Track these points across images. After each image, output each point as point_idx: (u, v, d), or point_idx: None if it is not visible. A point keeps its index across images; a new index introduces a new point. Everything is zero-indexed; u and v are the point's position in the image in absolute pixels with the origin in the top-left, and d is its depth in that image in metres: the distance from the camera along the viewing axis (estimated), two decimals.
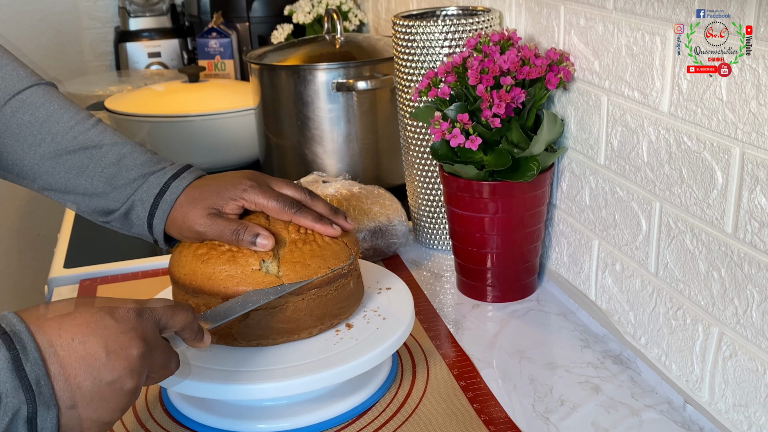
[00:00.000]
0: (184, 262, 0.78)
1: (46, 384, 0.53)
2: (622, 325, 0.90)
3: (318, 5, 1.93)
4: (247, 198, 0.79)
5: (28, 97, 0.82)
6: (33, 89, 0.82)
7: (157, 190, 0.81)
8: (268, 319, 0.75)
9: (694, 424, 0.76)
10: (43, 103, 0.82)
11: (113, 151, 0.82)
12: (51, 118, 0.82)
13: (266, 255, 0.76)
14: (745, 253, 0.69)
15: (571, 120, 0.96)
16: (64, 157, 0.81)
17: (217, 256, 0.76)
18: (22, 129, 0.81)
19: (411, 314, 0.82)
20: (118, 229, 0.85)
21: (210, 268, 0.76)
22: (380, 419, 0.77)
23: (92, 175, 0.81)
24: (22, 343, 0.53)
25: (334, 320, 0.79)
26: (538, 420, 0.77)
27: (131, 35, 2.37)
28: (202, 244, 0.79)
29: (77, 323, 0.56)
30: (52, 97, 0.83)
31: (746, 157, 0.67)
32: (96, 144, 0.82)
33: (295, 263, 0.76)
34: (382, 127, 1.37)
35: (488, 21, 1.06)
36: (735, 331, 0.71)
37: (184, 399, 0.79)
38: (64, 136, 0.81)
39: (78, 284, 1.09)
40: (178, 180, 0.82)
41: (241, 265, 0.75)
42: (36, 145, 0.81)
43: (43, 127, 0.81)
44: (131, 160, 0.82)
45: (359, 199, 1.10)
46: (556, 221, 1.03)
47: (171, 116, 1.51)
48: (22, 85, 0.82)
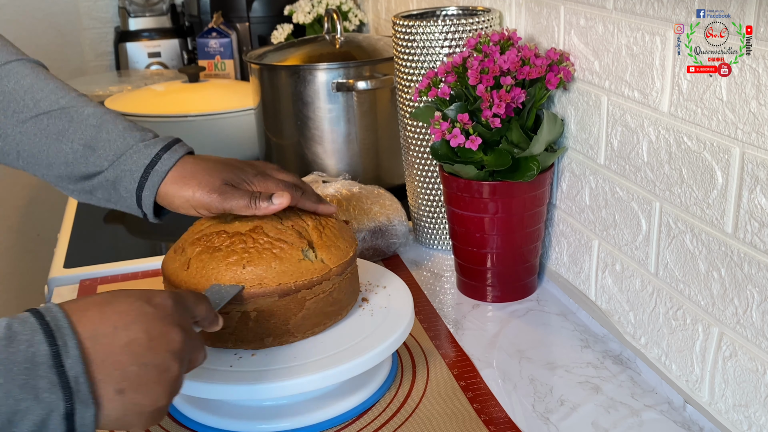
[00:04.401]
0: (215, 274, 0.75)
1: (84, 382, 0.53)
2: (622, 325, 0.90)
3: (318, 5, 1.93)
4: (257, 183, 0.80)
5: (14, 67, 0.82)
6: (21, 62, 0.83)
7: (147, 160, 0.80)
8: (320, 306, 0.77)
9: (694, 424, 0.76)
10: (29, 74, 0.82)
11: (94, 114, 0.81)
12: (35, 86, 0.81)
13: (303, 244, 0.77)
14: (745, 253, 0.69)
15: (571, 120, 0.96)
16: (43, 118, 0.80)
17: (258, 257, 0.75)
18: (6, 96, 0.81)
19: (411, 314, 0.82)
20: (104, 202, 0.83)
21: (258, 270, 0.74)
22: (380, 419, 0.77)
23: (72, 138, 0.80)
24: (64, 339, 0.53)
25: (356, 296, 0.84)
26: (538, 420, 0.77)
27: (131, 35, 2.37)
28: (228, 252, 0.76)
29: (118, 311, 0.56)
30: (39, 70, 0.83)
31: (746, 157, 0.67)
32: (75, 106, 0.81)
33: (329, 246, 0.79)
34: (382, 127, 1.37)
35: (488, 21, 1.06)
36: (735, 331, 0.71)
37: (184, 399, 0.79)
38: (45, 100, 0.81)
39: (78, 284, 1.09)
40: (170, 152, 0.81)
41: (287, 259, 0.75)
42: (18, 111, 0.80)
43: (27, 94, 0.81)
44: (113, 125, 0.81)
45: (359, 199, 1.10)
46: (556, 221, 1.03)
47: (171, 116, 1.51)
48: (10, 57, 0.83)
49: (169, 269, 0.79)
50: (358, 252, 0.83)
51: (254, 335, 0.75)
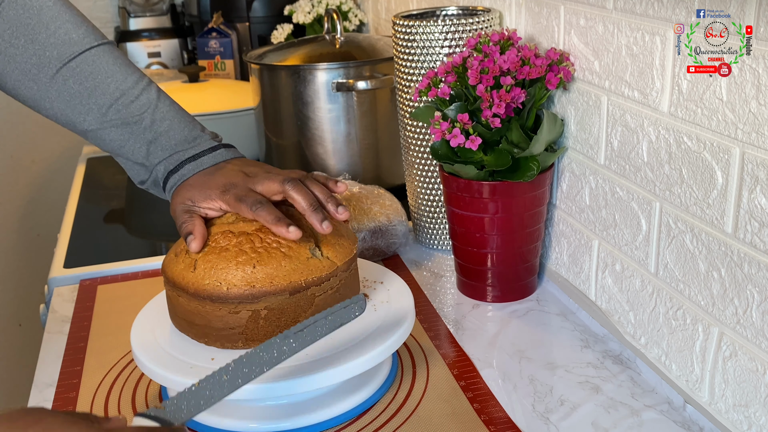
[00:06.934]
0: (228, 274, 0.75)
1: None
2: (622, 325, 0.90)
3: (318, 5, 1.93)
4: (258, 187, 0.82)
5: (78, 65, 0.85)
6: (83, 56, 0.85)
7: (172, 166, 0.86)
8: (328, 302, 0.78)
9: (694, 424, 0.76)
10: (92, 72, 0.85)
11: (151, 129, 0.86)
12: (97, 89, 0.85)
13: (309, 243, 0.77)
14: (745, 253, 0.69)
15: (571, 120, 0.96)
16: (109, 130, 0.86)
17: (268, 256, 0.75)
18: (73, 98, 0.85)
19: (411, 314, 0.82)
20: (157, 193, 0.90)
21: (268, 269, 0.75)
22: (380, 419, 0.77)
23: (132, 148, 0.87)
24: None
25: (358, 291, 0.84)
26: (538, 420, 0.77)
27: (131, 35, 2.37)
28: (236, 252, 0.76)
29: None
30: (101, 63, 0.86)
31: (746, 157, 0.67)
32: (135, 120, 0.86)
33: (333, 244, 0.79)
34: (382, 127, 1.37)
35: (488, 21, 1.06)
36: (735, 331, 0.71)
37: None
38: (108, 109, 0.86)
39: (78, 284, 1.09)
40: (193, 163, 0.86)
41: (295, 257, 0.76)
42: (84, 113, 0.86)
43: (90, 98, 0.85)
44: (166, 140, 0.86)
45: (359, 199, 1.10)
46: (556, 221, 1.03)
47: None
48: (73, 51, 0.85)
49: (173, 272, 0.78)
50: (359, 250, 0.83)
51: (264, 333, 0.76)
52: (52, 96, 0.85)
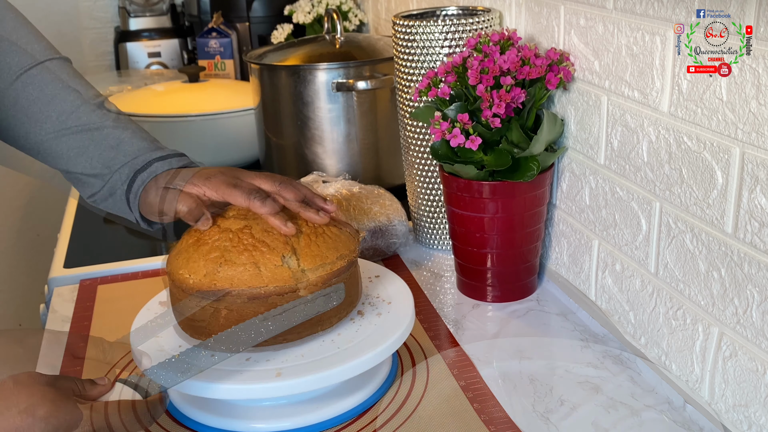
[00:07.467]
0: (196, 267, 0.76)
1: None
2: (622, 325, 0.90)
3: (318, 5, 1.93)
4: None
5: (38, 73, 0.84)
6: (44, 65, 0.85)
7: (138, 166, 0.83)
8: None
9: (694, 424, 0.76)
10: (52, 80, 0.85)
11: (113, 135, 0.84)
12: (58, 96, 0.84)
13: (285, 250, 0.75)
14: (745, 253, 0.69)
15: (571, 120, 0.96)
16: (67, 138, 0.84)
17: (237, 257, 0.75)
18: (30, 105, 0.84)
19: (411, 314, 0.82)
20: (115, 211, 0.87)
21: (231, 271, 0.74)
22: (380, 419, 0.77)
23: (91, 155, 0.84)
24: None
25: (349, 308, 0.81)
26: (538, 420, 0.77)
27: (131, 35, 2.37)
28: (212, 247, 0.76)
29: None
30: (62, 73, 0.86)
31: (746, 157, 0.67)
32: (97, 126, 0.84)
33: (315, 256, 0.76)
34: (382, 127, 1.37)
35: (488, 21, 1.06)
36: (735, 331, 0.71)
37: (184, 399, 0.79)
38: (69, 116, 0.84)
39: (78, 284, 1.09)
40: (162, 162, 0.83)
41: (263, 263, 0.75)
42: (42, 122, 0.84)
43: (49, 105, 0.84)
44: (129, 146, 0.84)
45: (359, 199, 1.10)
46: (556, 221, 1.03)
47: (171, 116, 1.51)
48: (35, 60, 0.84)
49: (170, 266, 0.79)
50: (352, 264, 0.81)
51: None
52: (8, 103, 0.84)
